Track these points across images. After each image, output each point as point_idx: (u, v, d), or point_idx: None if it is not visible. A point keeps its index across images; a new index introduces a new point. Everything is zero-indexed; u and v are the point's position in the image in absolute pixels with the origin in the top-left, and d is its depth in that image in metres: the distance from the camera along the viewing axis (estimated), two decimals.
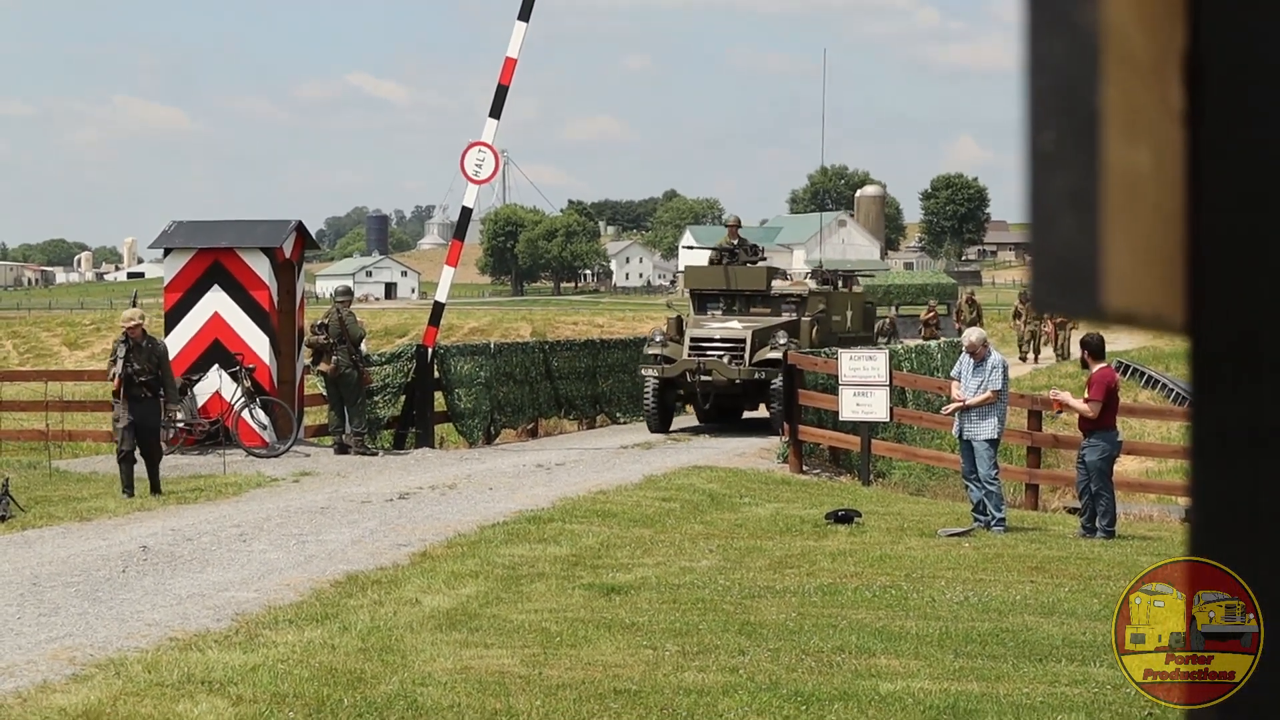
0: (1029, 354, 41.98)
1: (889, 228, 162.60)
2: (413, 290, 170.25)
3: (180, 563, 11.96)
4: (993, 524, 14.83)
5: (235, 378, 20.76)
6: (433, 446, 22.78)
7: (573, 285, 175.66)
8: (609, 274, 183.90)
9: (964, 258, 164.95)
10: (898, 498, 18.75)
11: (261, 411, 20.86)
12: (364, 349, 21.70)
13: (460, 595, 10.55)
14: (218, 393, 20.93)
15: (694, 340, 24.69)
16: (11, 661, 8.57)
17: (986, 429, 15.00)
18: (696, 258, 29.22)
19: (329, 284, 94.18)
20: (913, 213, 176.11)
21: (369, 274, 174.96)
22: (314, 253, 24.72)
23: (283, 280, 21.75)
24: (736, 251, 27.11)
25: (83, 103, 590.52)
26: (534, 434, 26.05)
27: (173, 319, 21.32)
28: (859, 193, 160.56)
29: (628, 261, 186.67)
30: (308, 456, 20.52)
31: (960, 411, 15.17)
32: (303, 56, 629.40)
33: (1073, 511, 17.35)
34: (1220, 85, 0.96)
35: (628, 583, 11.15)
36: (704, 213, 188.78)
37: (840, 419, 20.13)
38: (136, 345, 16.29)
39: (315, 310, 23.35)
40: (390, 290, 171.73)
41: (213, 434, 20.60)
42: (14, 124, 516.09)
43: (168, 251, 21.70)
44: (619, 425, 27.54)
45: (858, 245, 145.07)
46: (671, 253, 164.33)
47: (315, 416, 23.56)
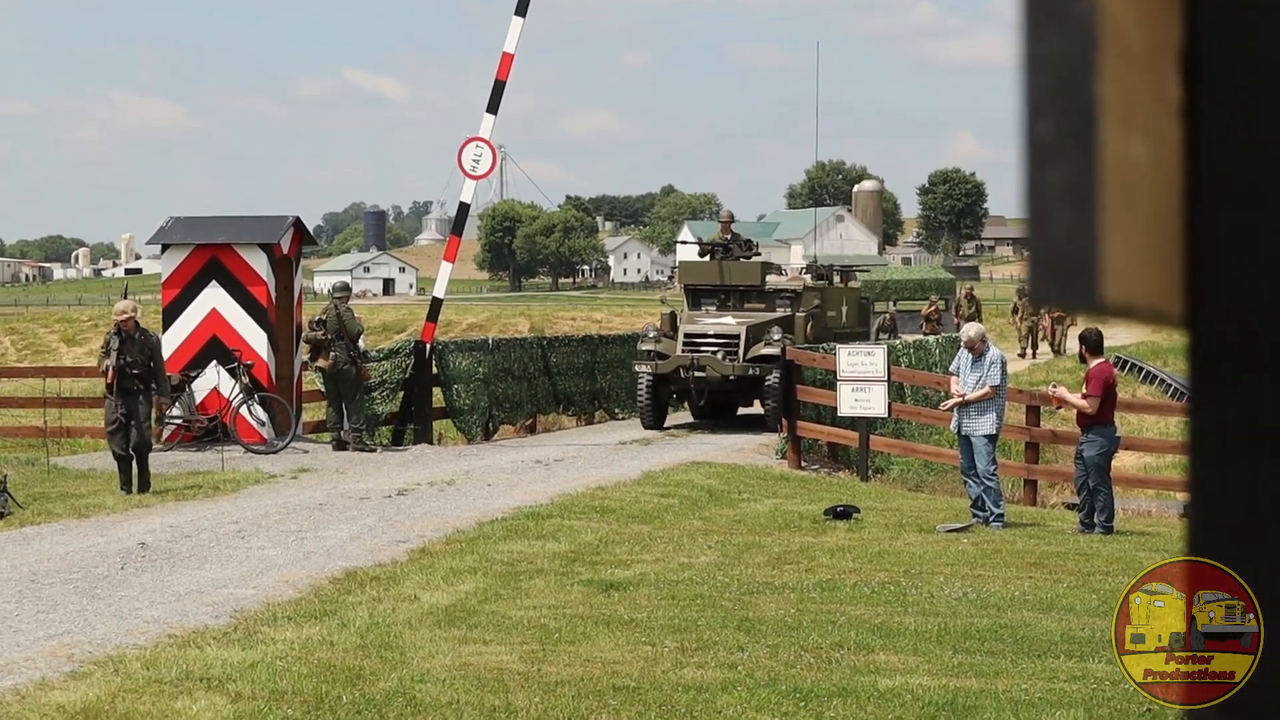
0: (1028, 350, 41.97)
1: (887, 223, 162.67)
2: (411, 286, 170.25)
3: (179, 559, 11.96)
4: (991, 520, 14.83)
5: (233, 374, 20.76)
6: (431, 443, 22.78)
7: (570, 281, 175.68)
8: (607, 269, 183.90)
9: (962, 253, 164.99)
10: (896, 493, 18.75)
11: (260, 408, 20.86)
12: (362, 345, 21.69)
13: (459, 592, 10.55)
14: (216, 389, 20.94)
15: (688, 336, 24.55)
16: (10, 659, 8.57)
17: (985, 424, 15.01)
18: (688, 253, 29.19)
19: (327, 280, 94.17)
20: (910, 208, 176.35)
21: (367, 270, 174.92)
22: (312, 249, 24.75)
23: (280, 276, 21.74)
24: (730, 247, 27.00)
25: (81, 100, 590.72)
26: (532, 430, 26.05)
27: (170, 315, 21.31)
28: (857, 188, 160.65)
29: (625, 257, 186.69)
30: (306, 453, 20.51)
31: (958, 407, 15.18)
32: (301, 53, 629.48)
33: (1071, 507, 17.36)
34: (1217, 79, 0.96)
35: (626, 579, 11.15)
36: (702, 208, 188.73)
37: (839, 414, 20.13)
38: (129, 337, 16.09)
39: (313, 306, 23.33)
40: (388, 286, 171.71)
41: (211, 430, 20.60)
42: (12, 121, 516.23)
43: (165, 248, 21.68)
44: (617, 421, 27.52)
45: (855, 240, 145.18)
46: (669, 248, 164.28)
47: (313, 413, 23.55)
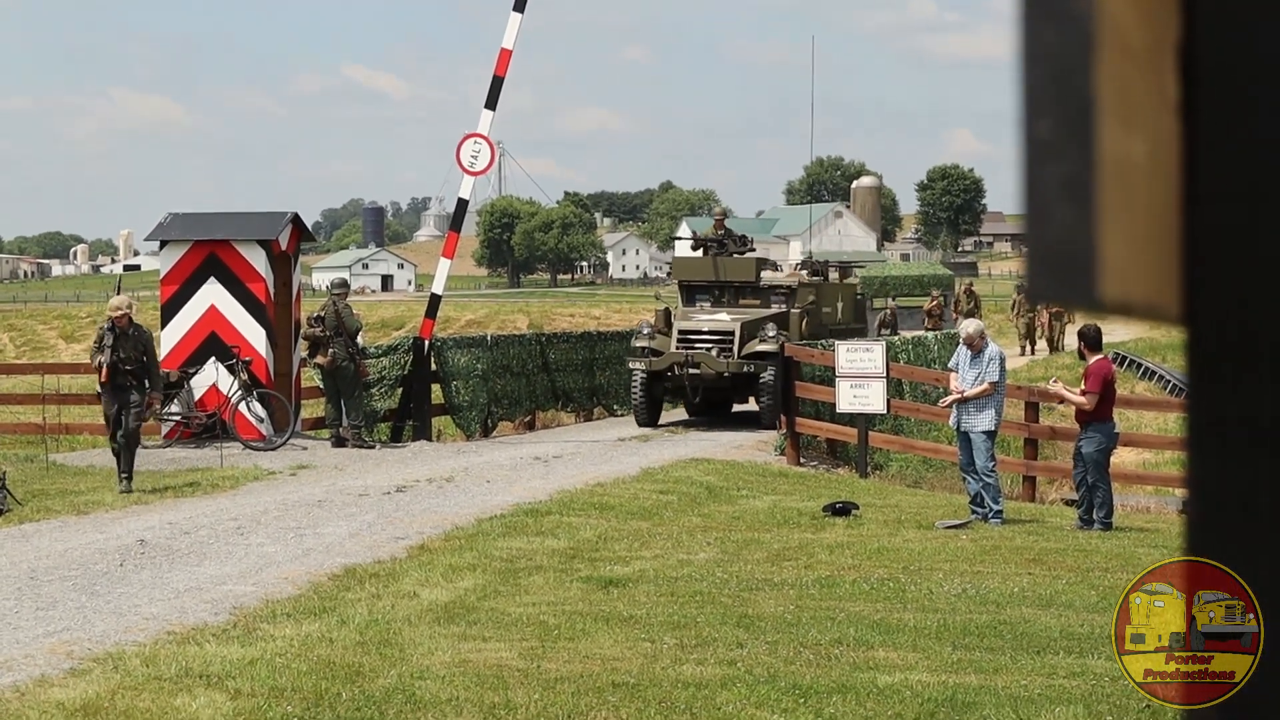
0: (1027, 347, 41.96)
1: (885, 219, 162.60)
2: (409, 282, 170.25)
3: (178, 556, 11.96)
4: (990, 516, 14.84)
5: (232, 370, 20.75)
6: (430, 439, 22.78)
7: (569, 277, 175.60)
8: (605, 266, 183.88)
9: (960, 249, 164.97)
10: (895, 490, 18.75)
11: (258, 404, 20.85)
12: (360, 341, 21.68)
13: (458, 588, 10.55)
14: (214, 385, 20.93)
15: (682, 333, 24.36)
16: (9, 656, 8.56)
17: (983, 421, 15.01)
18: (686, 249, 29.07)
19: (325, 276, 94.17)
20: (909, 204, 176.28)
21: (365, 266, 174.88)
22: (310, 245, 24.68)
23: (279, 272, 21.73)
24: (725, 243, 26.87)
25: (80, 96, 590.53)
26: (531, 426, 26.04)
27: (169, 312, 21.30)
28: (855, 184, 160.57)
29: (624, 253, 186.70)
30: (305, 449, 20.51)
31: (957, 403, 15.18)
32: (298, 49, 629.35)
33: (1070, 503, 17.36)
34: (1215, 75, 0.96)
35: (625, 575, 11.15)
36: (700, 204, 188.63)
37: (837, 411, 20.13)
38: (124, 334, 15.90)
39: (312, 303, 23.34)
40: (387, 282, 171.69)
41: (209, 427, 20.60)
42: (11, 117, 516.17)
43: (164, 244, 21.67)
44: (616, 417, 27.50)
45: (854, 237, 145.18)
46: (668, 244, 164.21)
47: (312, 409, 23.55)
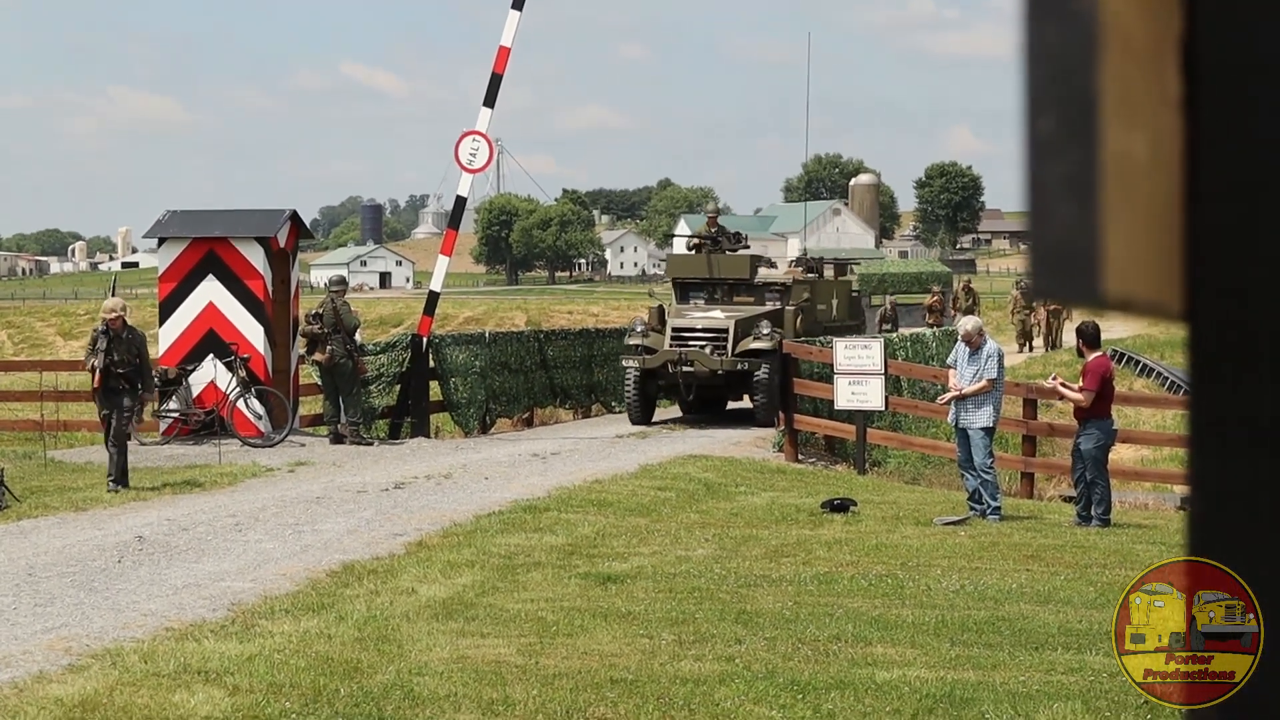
0: (1025, 344, 41.96)
1: (884, 216, 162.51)
2: (407, 279, 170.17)
3: (176, 553, 11.95)
4: (988, 513, 14.84)
5: (230, 367, 20.75)
6: (428, 436, 22.78)
7: (567, 274, 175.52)
8: (603, 263, 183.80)
9: (958, 246, 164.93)
10: (893, 486, 18.76)
11: (257, 401, 20.85)
12: (359, 338, 21.68)
13: (456, 585, 10.55)
14: (213, 383, 20.93)
15: (675, 330, 24.17)
16: (8, 652, 8.56)
17: (982, 417, 15.01)
18: (681, 246, 29.00)
19: (323, 273, 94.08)
20: (907, 201, 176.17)
21: (363, 263, 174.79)
22: (308, 242, 24.67)
23: (277, 270, 21.73)
24: (719, 240, 26.77)
25: (78, 93, 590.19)
26: (529, 423, 26.03)
27: (167, 309, 21.30)
28: (853, 181, 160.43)
29: (622, 251, 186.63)
30: (303, 446, 20.50)
31: (955, 400, 15.18)
32: (297, 47, 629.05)
33: (1068, 500, 17.37)
34: (1216, 73, 0.96)
35: (624, 572, 11.15)
36: (699, 201, 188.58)
37: (835, 408, 20.13)
38: (117, 336, 15.75)
39: (310, 300, 23.33)
40: (385, 280, 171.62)
41: (208, 424, 20.60)
42: (9, 115, 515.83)
43: (162, 241, 21.67)
44: (614, 414, 27.47)
45: (852, 234, 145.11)
46: (666, 241, 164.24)
47: (310, 406, 23.54)
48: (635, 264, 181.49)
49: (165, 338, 21.26)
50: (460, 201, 24.09)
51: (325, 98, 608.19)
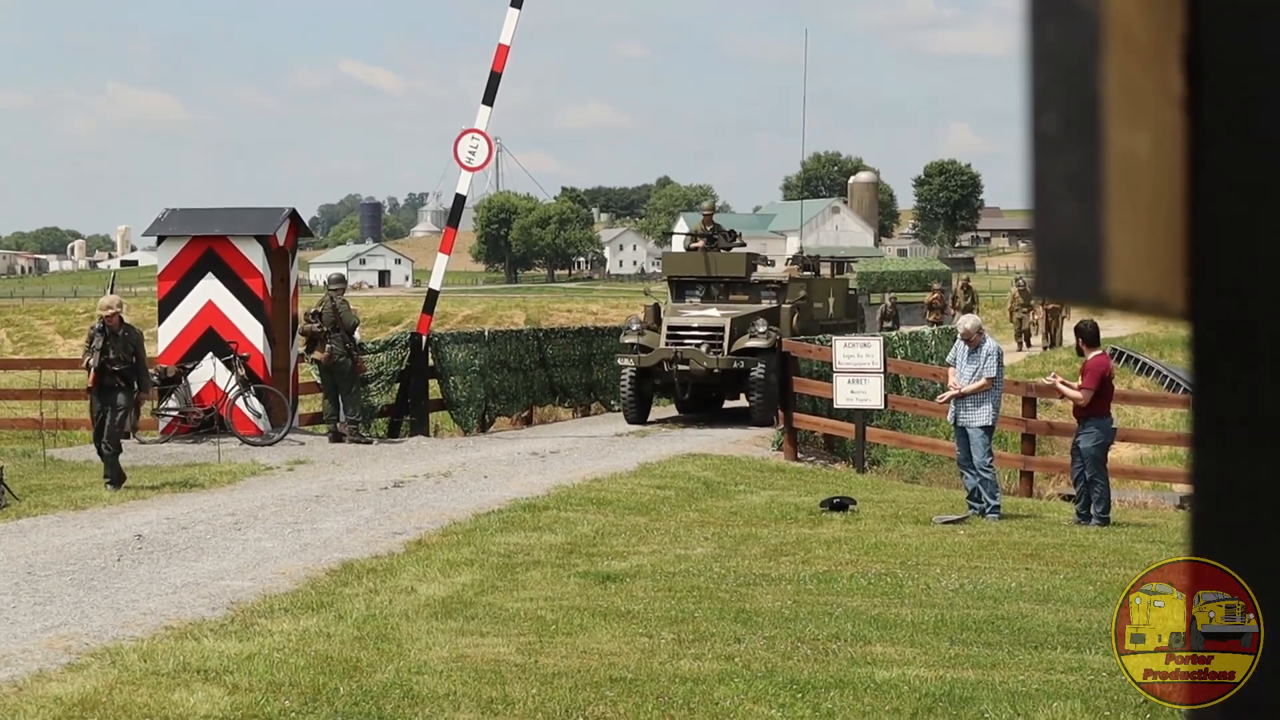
0: (1023, 342, 41.98)
1: (883, 215, 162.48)
2: (406, 278, 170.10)
3: (175, 551, 11.95)
4: (987, 511, 14.84)
5: (230, 366, 20.74)
6: (427, 434, 22.78)
7: (566, 272, 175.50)
8: (603, 261, 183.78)
9: (957, 244, 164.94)
10: (892, 485, 18.75)
11: (256, 400, 20.85)
12: (358, 337, 21.68)
13: (456, 583, 10.55)
14: (212, 381, 20.93)
15: (671, 329, 24.06)
16: (7, 650, 8.56)
17: (981, 416, 15.01)
18: (680, 244, 28.94)
19: (322, 272, 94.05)
20: (906, 199, 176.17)
21: (363, 261, 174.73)
22: (307, 240, 24.68)
23: (277, 268, 21.73)
24: (715, 238, 26.68)
25: (77, 91, 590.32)
26: (529, 422, 26.03)
27: (166, 307, 21.30)
28: (852, 179, 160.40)
29: (621, 249, 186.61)
30: (302, 445, 20.50)
31: (955, 399, 15.18)
32: (295, 45, 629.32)
33: (1068, 499, 17.37)
34: (1218, 71, 0.96)
35: (623, 570, 11.15)
36: (698, 200, 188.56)
37: (835, 406, 20.12)
38: (114, 334, 15.67)
39: (309, 298, 23.33)
40: (384, 278, 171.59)
41: (207, 422, 20.60)
42: (8, 113, 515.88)
43: (161, 239, 21.67)
44: (613, 413, 27.44)
45: (851, 232, 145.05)
46: (665, 240, 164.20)
47: (310, 405, 23.54)
48: (634, 262, 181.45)
49: (164, 336, 21.25)
50: (459, 199, 24.09)
51: (324, 96, 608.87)
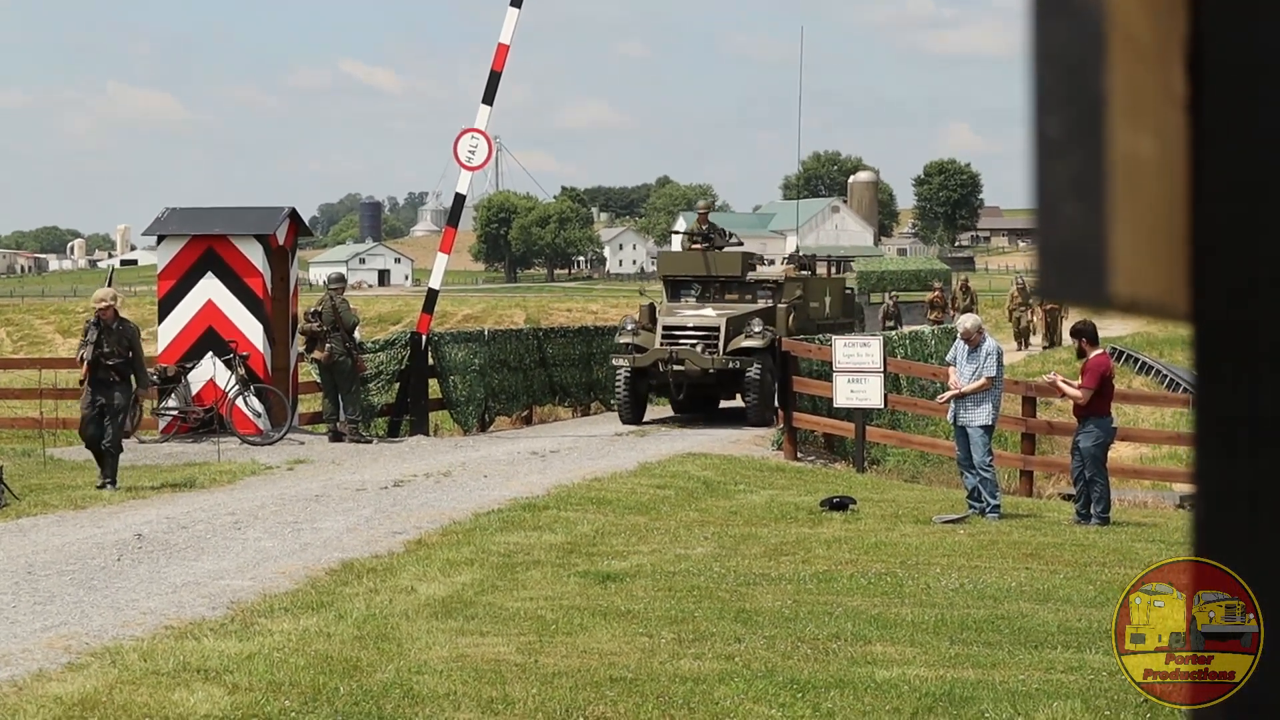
0: (1022, 343, 42.00)
1: (882, 214, 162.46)
2: (406, 277, 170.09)
3: (175, 551, 11.95)
4: (987, 511, 14.84)
5: (229, 365, 20.75)
6: (427, 434, 22.78)
7: (566, 272, 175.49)
8: (602, 260, 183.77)
9: (957, 244, 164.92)
10: (892, 484, 18.75)
11: (256, 399, 20.85)
12: (358, 336, 21.68)
13: (456, 583, 10.55)
14: (212, 380, 20.94)
15: (666, 328, 23.93)
16: (7, 650, 8.56)
17: (981, 415, 15.01)
18: (675, 244, 28.90)
19: (322, 271, 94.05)
20: (906, 199, 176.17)
21: (362, 261, 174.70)
22: (307, 240, 24.70)
23: (276, 267, 21.73)
24: (711, 237, 26.63)
25: (76, 90, 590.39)
26: (528, 421, 26.03)
27: (166, 306, 21.30)
28: (852, 179, 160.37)
29: (621, 248, 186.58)
30: (302, 444, 20.50)
31: (955, 398, 15.18)
32: (295, 44, 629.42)
33: (1068, 498, 17.37)
34: (1221, 72, 0.96)
35: (623, 570, 11.15)
36: (697, 199, 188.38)
37: (834, 406, 20.12)
38: (107, 327, 15.61)
39: (309, 297, 23.33)
40: (384, 277, 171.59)
41: (207, 422, 20.60)
42: (8, 112, 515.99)
43: (161, 238, 21.67)
44: (613, 412, 27.42)
45: (851, 231, 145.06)
46: (665, 239, 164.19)
47: (310, 404, 23.54)
48: (634, 261, 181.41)
49: (164, 335, 21.25)
50: (459, 199, 24.10)
51: (324, 95, 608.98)
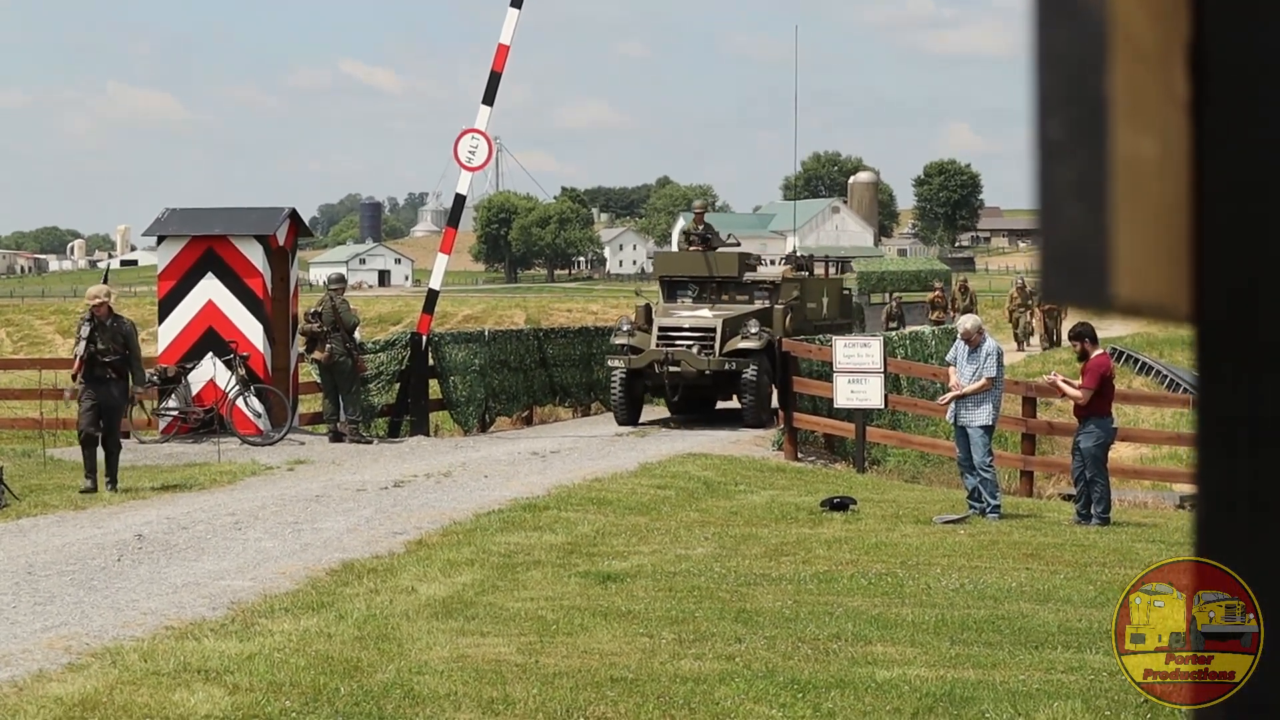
0: (1021, 343, 41.99)
1: (882, 214, 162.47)
2: (406, 277, 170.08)
3: (175, 551, 11.95)
4: (988, 511, 14.84)
5: (230, 366, 20.75)
6: (428, 434, 22.78)
7: (566, 272, 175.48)
8: (602, 261, 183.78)
9: (957, 244, 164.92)
10: (893, 485, 18.75)
11: (256, 399, 20.85)
12: (358, 337, 21.68)
13: (456, 583, 10.55)
14: (212, 381, 20.94)
15: (662, 329, 23.80)
16: (7, 650, 8.56)
17: (981, 416, 15.01)
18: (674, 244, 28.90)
19: (322, 271, 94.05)
20: (906, 199, 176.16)
21: (362, 261, 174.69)
22: (307, 240, 24.70)
23: (277, 267, 21.73)
24: (708, 237, 26.57)
25: (76, 90, 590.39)
26: (529, 421, 26.03)
27: (167, 307, 21.31)
28: (852, 179, 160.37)
29: (621, 249, 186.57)
30: (303, 444, 20.50)
31: (955, 398, 15.18)
32: (295, 44, 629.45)
33: (1068, 498, 17.38)
34: (1223, 74, 0.96)
35: (624, 570, 11.15)
36: (696, 199, 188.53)
37: (835, 406, 20.12)
38: (101, 324, 15.58)
39: (309, 298, 23.33)
40: (384, 278, 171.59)
41: (207, 422, 20.60)
42: (7, 112, 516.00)
43: (161, 239, 21.67)
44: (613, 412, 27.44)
45: (851, 232, 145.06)
46: (665, 239, 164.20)
47: (310, 404, 23.54)
48: (634, 262, 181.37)
49: (164, 335, 21.26)
50: (459, 199, 24.09)
51: (324, 95, 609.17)
